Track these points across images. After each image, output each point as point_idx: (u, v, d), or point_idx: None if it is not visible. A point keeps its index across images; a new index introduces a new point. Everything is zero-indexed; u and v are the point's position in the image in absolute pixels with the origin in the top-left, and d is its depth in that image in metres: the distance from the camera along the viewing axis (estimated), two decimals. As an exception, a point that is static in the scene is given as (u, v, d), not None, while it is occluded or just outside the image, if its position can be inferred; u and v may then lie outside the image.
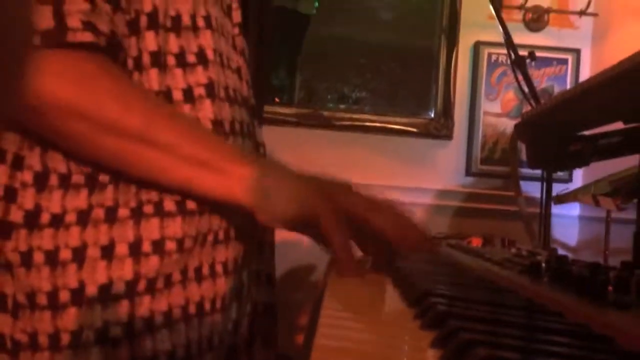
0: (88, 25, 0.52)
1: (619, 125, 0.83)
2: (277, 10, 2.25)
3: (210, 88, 0.63)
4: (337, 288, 0.59)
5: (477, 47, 2.35)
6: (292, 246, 1.43)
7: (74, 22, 0.51)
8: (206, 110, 0.63)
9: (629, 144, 0.79)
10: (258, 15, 0.82)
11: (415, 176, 2.34)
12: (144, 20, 0.59)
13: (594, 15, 2.32)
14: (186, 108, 0.61)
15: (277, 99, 2.44)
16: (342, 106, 2.44)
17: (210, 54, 0.63)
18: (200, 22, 0.63)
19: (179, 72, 0.61)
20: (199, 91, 0.62)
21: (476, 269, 0.74)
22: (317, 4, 2.44)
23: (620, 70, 0.68)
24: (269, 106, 2.22)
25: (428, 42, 2.41)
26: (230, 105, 0.66)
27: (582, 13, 2.30)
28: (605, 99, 0.78)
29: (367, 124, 2.35)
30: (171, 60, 0.61)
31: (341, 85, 2.46)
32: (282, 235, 0.74)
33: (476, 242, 1.12)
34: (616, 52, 2.07)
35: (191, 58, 0.62)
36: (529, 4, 2.29)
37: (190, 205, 0.61)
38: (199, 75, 0.62)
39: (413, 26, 2.45)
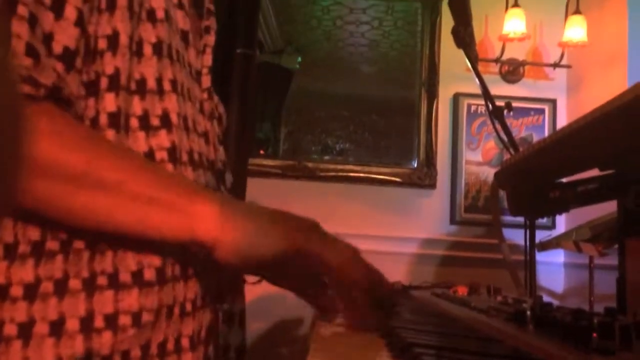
0: (29, 79, 0.50)
1: (595, 172, 0.85)
2: (261, 65, 2.30)
3: (172, 152, 0.61)
4: (323, 340, 0.58)
5: (456, 98, 2.41)
6: (278, 300, 1.41)
7: (18, 46, 0.50)
8: None
9: (606, 191, 0.81)
10: (243, 71, 0.84)
11: (400, 225, 2.35)
12: (104, 82, 0.57)
13: (568, 67, 2.41)
14: None
15: (261, 151, 2.46)
16: (326, 157, 2.46)
17: (174, 118, 0.62)
18: (167, 86, 0.62)
19: (141, 135, 0.59)
20: (161, 155, 0.60)
21: (462, 318, 0.74)
22: (300, 59, 2.51)
23: (593, 119, 0.70)
24: (253, 158, 2.24)
25: (409, 94, 2.47)
26: (193, 170, 0.64)
27: (555, 65, 2.38)
28: (580, 147, 0.80)
29: (351, 174, 2.37)
30: (134, 123, 0.59)
31: (325, 137, 2.50)
32: (268, 289, 0.73)
33: (462, 291, 1.11)
34: (590, 102, 2.15)
35: (155, 121, 0.60)
36: (504, 57, 2.38)
37: (148, 275, 0.57)
38: (162, 139, 0.61)
39: (394, 79, 2.52)
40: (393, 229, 2.33)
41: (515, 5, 2.27)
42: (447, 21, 1.77)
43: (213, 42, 0.76)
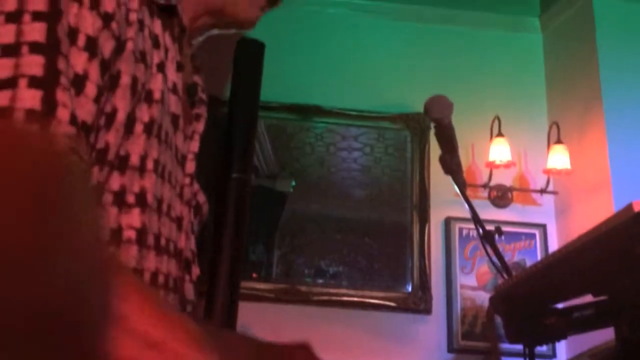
0: (73, 121, 0.52)
1: (591, 298, 0.85)
2: (256, 189, 2.36)
3: (141, 233, 0.60)
4: None
5: (448, 222, 2.45)
6: None
7: (63, 114, 0.51)
8: (129, 257, 0.60)
9: (601, 317, 0.80)
10: (238, 195, 0.85)
11: (397, 353, 2.26)
12: (92, 157, 0.58)
13: (554, 193, 2.47)
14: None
15: (254, 275, 2.43)
16: (319, 281, 2.43)
17: (150, 198, 0.62)
18: (150, 165, 0.62)
19: (113, 210, 0.59)
20: (129, 234, 0.60)
21: None
22: (294, 183, 2.57)
23: (581, 244, 0.72)
24: (246, 282, 2.21)
25: (401, 217, 2.51)
26: (157, 255, 0.63)
27: (542, 191, 2.45)
28: (571, 271, 0.81)
29: (345, 298, 2.33)
30: (108, 198, 0.59)
31: (318, 260, 2.49)
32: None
33: None
34: (579, 227, 2.18)
35: (130, 198, 0.60)
36: (492, 183, 2.45)
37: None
38: (134, 218, 0.60)
39: (386, 203, 2.57)
40: (389, 357, 2.24)
41: (499, 134, 2.38)
42: (435, 148, 1.85)
43: (202, 130, 0.78)
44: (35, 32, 0.51)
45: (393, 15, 2.68)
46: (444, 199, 2.42)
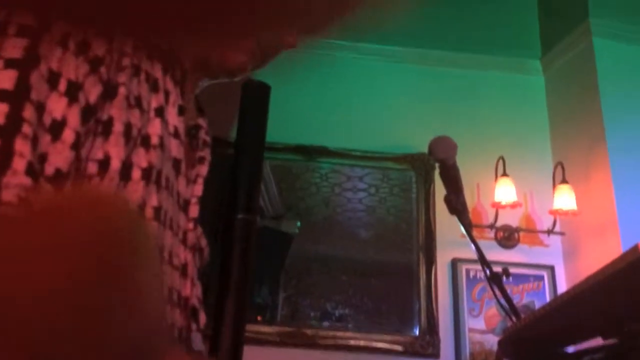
0: (30, 171, 0.49)
1: (601, 341, 0.83)
2: (261, 230, 2.35)
3: None
4: None
5: (454, 263, 2.42)
6: None
7: (8, 196, 0.48)
8: None
9: (613, 361, 0.78)
10: (243, 236, 0.83)
11: (404, 399, 2.21)
12: None
13: (561, 234, 2.45)
14: None
15: (259, 318, 2.40)
16: (325, 324, 2.40)
17: None
18: (149, 213, 0.61)
19: None
20: None
21: None
22: (299, 224, 2.57)
23: (589, 286, 0.71)
24: (251, 325, 2.18)
25: (407, 258, 2.49)
26: None
27: (549, 232, 2.43)
28: (580, 314, 0.79)
29: (352, 342, 2.29)
30: None
31: (324, 302, 2.46)
32: None
33: None
34: (587, 268, 2.15)
35: None
36: (498, 224, 2.44)
37: None
38: None
39: (391, 244, 2.55)
40: (396, 403, 2.18)
41: (504, 175, 2.38)
42: (441, 188, 1.85)
43: (205, 173, 0.76)
44: (5, 80, 0.50)
45: (397, 58, 2.73)
46: (450, 240, 2.40)
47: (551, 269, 2.44)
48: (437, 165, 1.58)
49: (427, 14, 2.84)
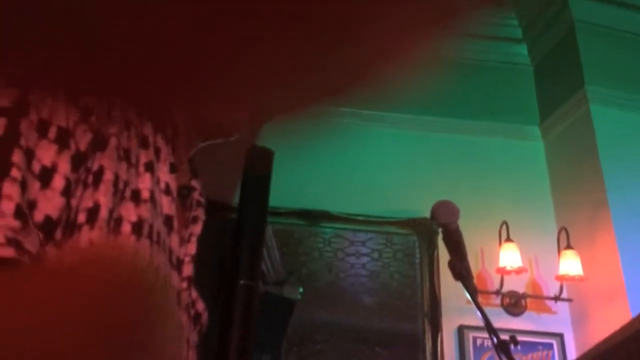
0: (12, 242, 0.47)
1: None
2: (263, 296, 2.31)
3: None
4: None
5: (461, 331, 2.36)
6: None
7: (7, 206, 0.47)
8: None
9: None
10: (245, 302, 0.82)
11: None
12: None
13: (569, 300, 2.41)
14: None
15: (259, 387, 2.32)
16: (327, 394, 2.31)
17: None
18: None
19: None
20: None
21: None
22: (302, 289, 2.53)
23: (598, 354, 0.69)
24: (250, 395, 2.10)
25: (412, 326, 2.43)
26: None
27: (556, 299, 2.39)
28: (591, 385, 0.77)
29: (355, 414, 2.20)
30: None
31: (327, 371, 2.39)
32: None
33: None
34: (597, 335, 2.09)
35: None
36: (504, 290, 2.40)
37: None
38: None
39: (396, 310, 2.51)
40: None
41: (508, 239, 2.37)
42: (444, 253, 1.84)
43: (199, 232, 0.75)
44: None
45: (398, 124, 2.79)
46: (456, 306, 2.36)
47: (560, 336, 2.37)
48: (440, 230, 1.58)
49: (426, 83, 2.92)
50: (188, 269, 0.71)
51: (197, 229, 0.76)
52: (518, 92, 2.95)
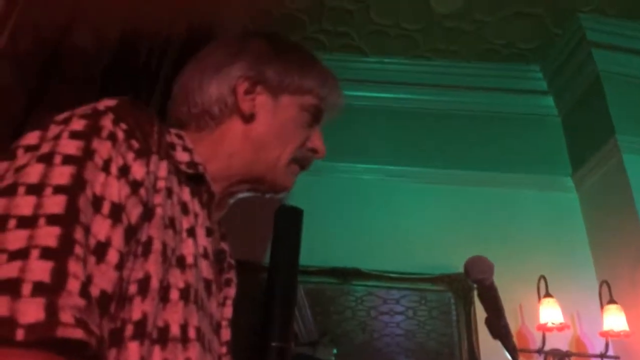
0: (80, 323, 0.47)
1: None
2: (295, 357, 2.27)
3: None
4: None
5: (502, 392, 2.25)
6: None
7: (66, 317, 0.47)
8: None
9: None
10: None
11: None
12: (129, 330, 0.54)
13: (616, 358, 2.29)
14: None
15: None
16: None
17: None
18: (192, 334, 0.60)
19: None
20: None
21: None
22: (335, 351, 2.47)
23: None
24: None
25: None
26: None
27: (602, 356, 2.27)
28: None
29: None
30: None
31: None
32: None
33: None
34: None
35: None
36: (546, 348, 2.29)
37: None
38: None
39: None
40: None
41: (548, 295, 2.29)
42: (482, 310, 1.78)
43: (234, 295, 0.76)
44: (55, 204, 0.51)
45: (426, 179, 2.78)
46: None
47: (610, 398, 2.24)
48: (475, 285, 1.53)
49: (454, 136, 2.94)
50: (226, 333, 0.72)
51: (232, 292, 0.77)
52: (547, 143, 2.93)
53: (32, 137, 0.57)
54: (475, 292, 1.64)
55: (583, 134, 2.80)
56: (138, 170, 0.59)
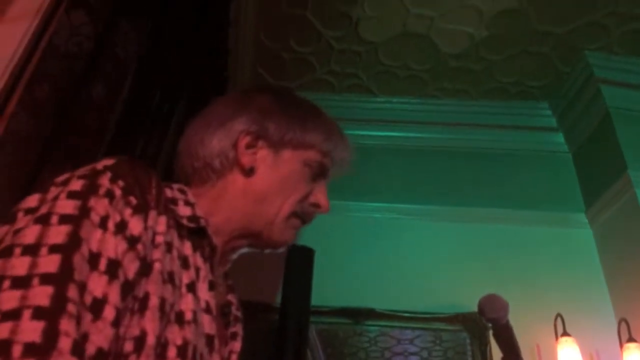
0: (76, 350, 0.48)
1: None
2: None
3: None
4: None
5: None
6: None
7: (65, 343, 0.48)
8: None
9: None
10: None
11: None
12: None
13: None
14: None
15: None
16: None
17: None
18: None
19: None
20: None
21: None
22: (349, 393, 2.42)
23: None
24: None
25: None
26: None
27: (625, 397, 2.20)
28: None
29: None
30: None
31: None
32: None
33: None
34: None
35: None
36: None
37: None
38: None
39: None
40: None
41: (565, 334, 2.24)
42: (498, 350, 1.74)
43: (239, 349, 0.75)
44: (49, 264, 0.51)
45: (437, 217, 2.77)
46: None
47: None
48: (490, 325, 1.51)
49: (465, 174, 2.94)
50: None
51: (237, 346, 0.76)
52: (559, 179, 2.92)
53: (32, 200, 0.58)
54: (491, 332, 1.61)
55: (595, 170, 2.79)
56: (135, 226, 0.59)
